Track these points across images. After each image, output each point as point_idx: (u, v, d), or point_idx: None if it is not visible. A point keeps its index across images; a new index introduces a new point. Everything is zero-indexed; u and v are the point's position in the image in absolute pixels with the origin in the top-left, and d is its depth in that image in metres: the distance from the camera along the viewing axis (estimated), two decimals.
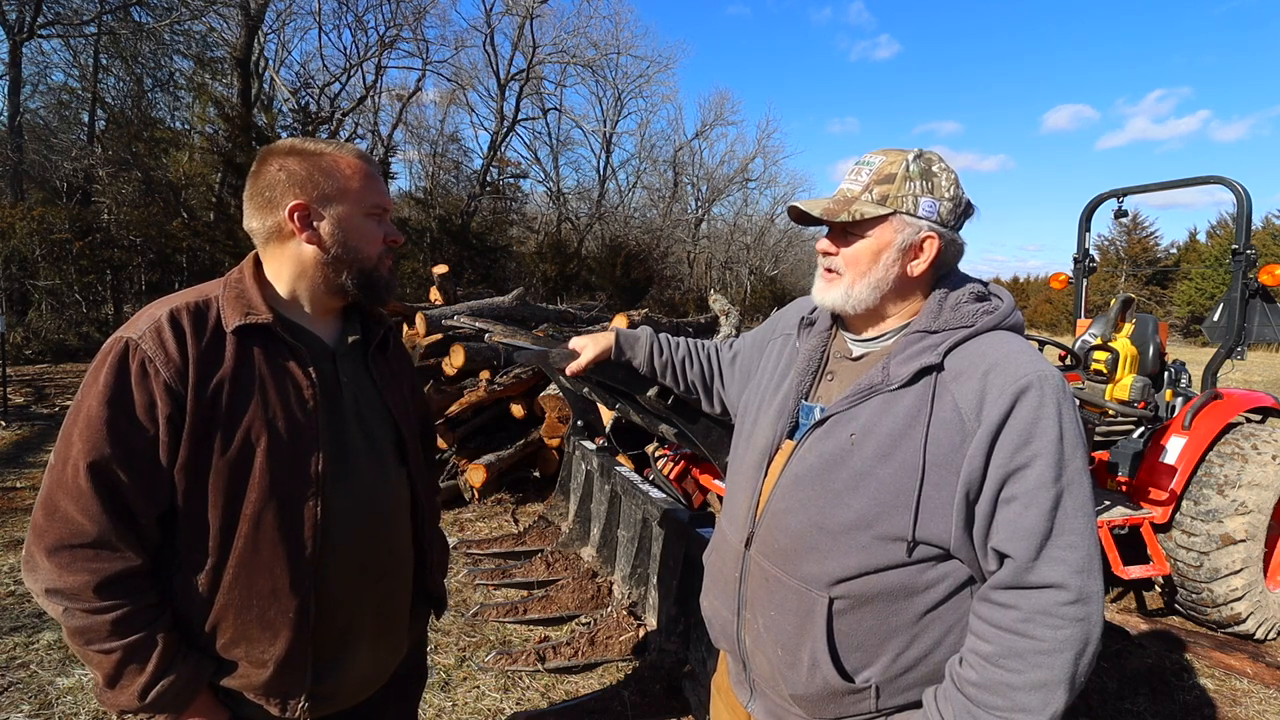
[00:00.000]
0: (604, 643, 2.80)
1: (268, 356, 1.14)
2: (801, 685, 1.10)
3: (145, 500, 1.05)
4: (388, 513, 1.28)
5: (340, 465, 1.19)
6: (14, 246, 10.76)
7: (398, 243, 1.30)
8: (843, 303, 1.14)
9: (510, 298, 6.87)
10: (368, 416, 1.27)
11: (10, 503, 4.57)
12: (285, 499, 1.12)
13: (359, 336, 1.30)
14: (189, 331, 1.09)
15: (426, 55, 21.58)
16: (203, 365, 1.08)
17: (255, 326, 1.13)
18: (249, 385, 1.11)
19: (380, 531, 1.26)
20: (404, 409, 1.35)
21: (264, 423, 1.10)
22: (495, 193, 23.70)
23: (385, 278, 1.27)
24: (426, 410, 1.60)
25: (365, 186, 1.21)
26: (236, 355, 1.11)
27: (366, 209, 1.22)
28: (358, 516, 1.21)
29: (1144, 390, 3.68)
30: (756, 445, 1.22)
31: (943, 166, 1.12)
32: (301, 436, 1.14)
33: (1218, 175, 3.72)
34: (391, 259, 1.29)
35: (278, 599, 1.13)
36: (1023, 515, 0.96)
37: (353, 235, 1.21)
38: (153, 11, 13.86)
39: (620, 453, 3.62)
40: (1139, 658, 3.14)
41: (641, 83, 28.65)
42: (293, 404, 1.14)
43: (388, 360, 1.37)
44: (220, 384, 1.09)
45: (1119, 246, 44.23)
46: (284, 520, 1.12)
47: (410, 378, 1.48)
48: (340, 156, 1.20)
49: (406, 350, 1.54)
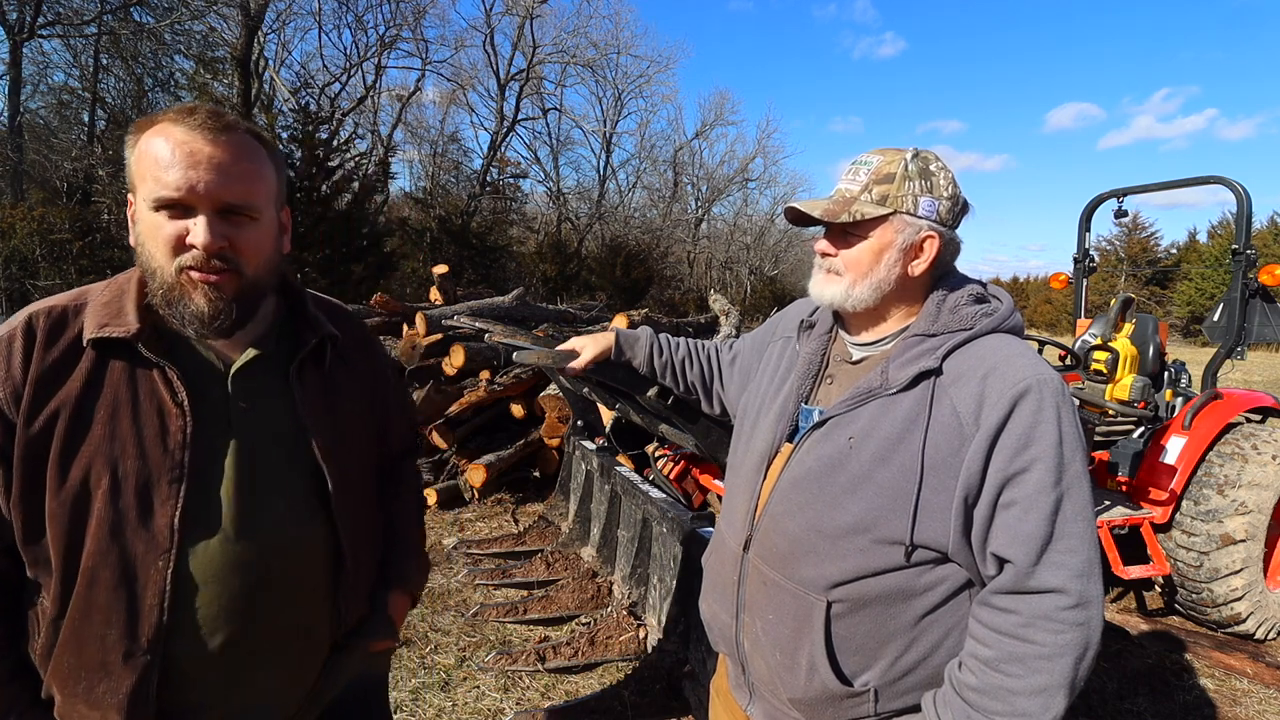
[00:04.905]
0: (604, 643, 2.80)
1: (129, 378, 0.94)
2: (800, 689, 1.10)
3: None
4: (281, 574, 1.01)
5: (210, 514, 0.95)
6: (14, 246, 10.75)
7: (206, 250, 0.91)
8: (842, 300, 1.13)
9: (510, 298, 6.88)
10: (272, 451, 1.01)
11: None
12: (125, 555, 0.91)
13: (270, 350, 1.04)
14: (40, 342, 0.92)
15: (426, 55, 21.62)
16: (42, 384, 0.90)
17: (114, 340, 0.93)
18: (94, 412, 0.91)
19: (265, 598, 1.00)
20: (335, 437, 1.07)
21: (106, 460, 0.90)
22: (495, 193, 23.68)
23: (191, 307, 0.93)
24: (397, 429, 1.31)
25: (148, 165, 0.90)
26: (89, 374, 0.92)
27: (152, 199, 0.91)
28: (230, 579, 0.96)
29: (1144, 390, 3.68)
30: (756, 448, 1.22)
31: (940, 165, 1.12)
32: (155, 479, 0.92)
33: (1218, 175, 3.72)
34: (213, 276, 0.93)
35: (108, 675, 0.92)
36: (1022, 520, 0.96)
37: (143, 239, 0.94)
38: (153, 11, 13.85)
39: (620, 453, 3.62)
40: (1139, 658, 3.14)
41: (641, 83, 28.65)
42: (148, 438, 0.92)
43: (325, 377, 1.10)
44: (59, 409, 0.90)
45: (1119, 246, 44.22)
46: (122, 581, 0.91)
47: (366, 393, 1.20)
48: (150, 122, 0.93)
49: (374, 358, 1.26)
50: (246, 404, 1.00)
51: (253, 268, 0.98)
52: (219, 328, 0.96)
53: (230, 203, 0.93)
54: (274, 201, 1.01)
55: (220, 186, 0.91)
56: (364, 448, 1.17)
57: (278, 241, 1.05)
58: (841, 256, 1.13)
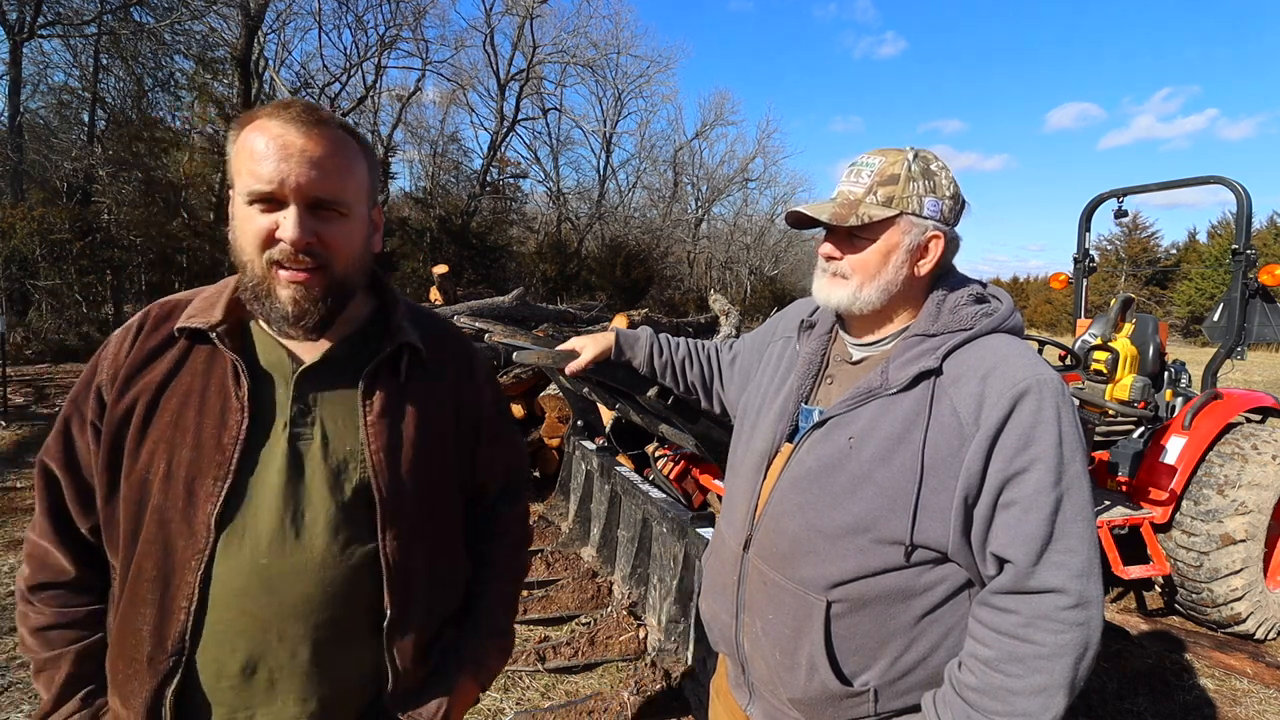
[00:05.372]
0: (604, 643, 2.80)
1: (206, 369, 0.94)
2: (800, 689, 1.10)
3: (79, 507, 0.95)
4: (309, 605, 0.91)
5: (245, 520, 0.90)
6: (14, 246, 10.74)
7: (294, 244, 0.89)
8: (849, 303, 1.12)
9: (510, 298, 6.88)
10: (323, 464, 0.94)
11: (10, 503, 4.57)
12: (168, 548, 0.89)
13: (341, 354, 0.99)
14: (146, 330, 0.97)
15: (426, 55, 21.63)
16: (133, 369, 0.94)
17: (198, 330, 0.94)
18: (170, 399, 0.92)
19: (290, 628, 0.91)
20: (395, 456, 0.98)
21: (167, 448, 0.90)
22: (495, 193, 23.71)
23: (278, 303, 0.92)
24: (488, 464, 1.16)
25: (244, 160, 0.89)
26: (174, 363, 0.94)
27: (245, 193, 0.90)
28: (256, 595, 0.90)
29: (1144, 390, 3.69)
30: (755, 448, 1.22)
31: (940, 164, 1.12)
32: (203, 472, 0.90)
33: (1218, 175, 3.72)
34: (301, 274, 0.91)
35: (136, 674, 0.90)
36: (1022, 520, 0.96)
37: (236, 232, 0.93)
38: (153, 11, 13.85)
39: (620, 453, 3.62)
40: (1139, 658, 3.14)
41: (641, 83, 28.67)
42: (206, 430, 0.91)
43: (398, 389, 1.01)
44: (140, 393, 0.92)
45: (1119, 246, 44.22)
46: (160, 575, 0.89)
47: (448, 416, 1.07)
48: (250, 118, 0.92)
49: (468, 380, 1.13)
50: (306, 408, 0.95)
51: (341, 265, 0.95)
52: (305, 325, 0.94)
53: (320, 197, 0.90)
54: (365, 198, 0.98)
55: (311, 180, 0.89)
56: (435, 477, 1.04)
57: (368, 240, 1.01)
58: (848, 260, 1.12)
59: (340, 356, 0.99)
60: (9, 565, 3.63)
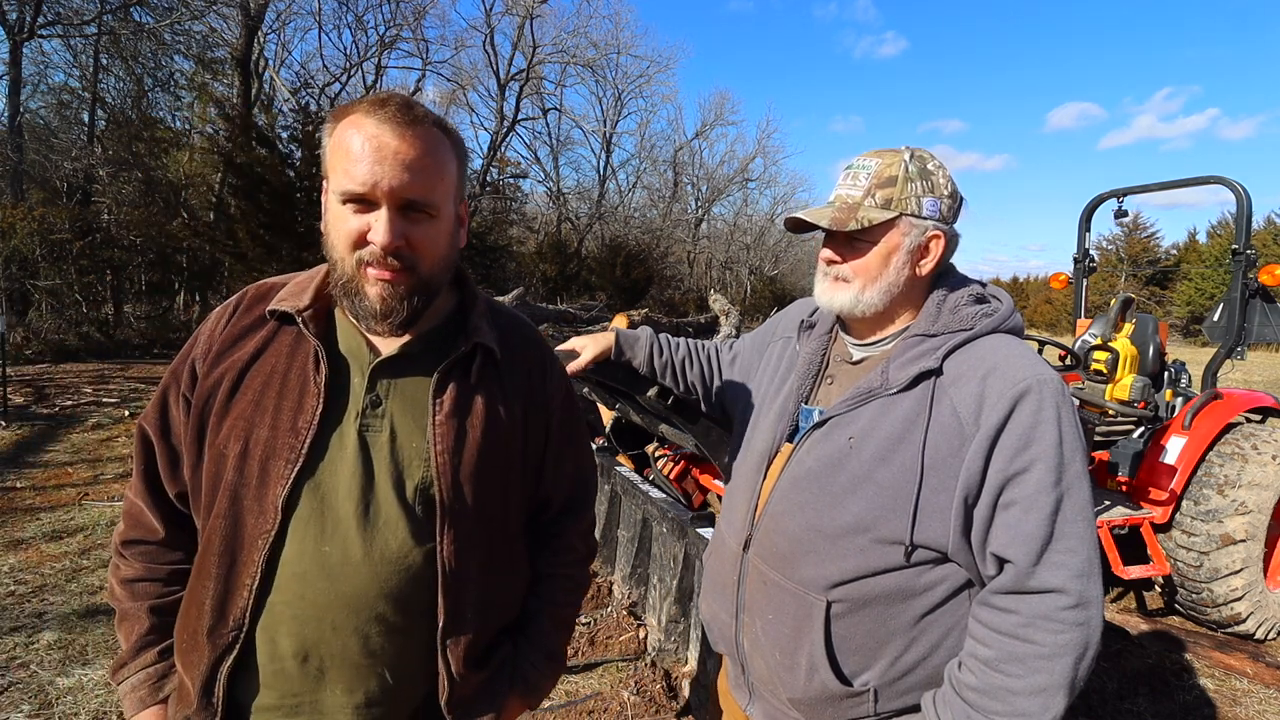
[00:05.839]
0: (604, 643, 2.80)
1: (290, 352, 0.97)
2: (800, 689, 1.10)
3: (169, 473, 1.01)
4: (366, 598, 0.92)
5: (311, 507, 0.91)
6: (14, 246, 10.74)
7: (384, 248, 0.90)
8: (851, 306, 1.13)
9: (510, 298, 6.89)
10: (389, 459, 0.95)
11: (10, 503, 4.57)
12: (238, 524, 0.92)
13: (416, 350, 0.99)
14: (241, 309, 1.01)
15: (426, 55, 21.68)
16: (225, 345, 0.98)
17: (286, 314, 0.97)
18: (254, 379, 0.95)
19: (345, 619, 0.92)
20: (458, 457, 0.96)
21: (246, 425, 0.92)
22: (495, 193, 23.72)
23: (366, 301, 0.93)
24: (554, 476, 1.14)
25: (339, 157, 0.90)
26: (261, 343, 0.97)
27: (339, 191, 0.91)
28: (315, 581, 0.91)
29: (1144, 390, 3.69)
30: (756, 448, 1.22)
31: (936, 163, 1.12)
32: (276, 454, 0.91)
33: (1218, 175, 3.72)
34: (388, 274, 0.92)
35: (196, 646, 0.92)
36: (1023, 520, 0.96)
37: (328, 229, 0.95)
38: (153, 11, 13.84)
39: (620, 453, 3.62)
40: (1139, 658, 3.14)
41: (641, 83, 28.73)
42: (284, 412, 0.93)
43: (470, 390, 1.00)
44: (226, 370, 0.96)
45: (1119, 246, 44.23)
46: (227, 550, 0.92)
47: (518, 421, 1.05)
48: (346, 111, 0.92)
49: (541, 386, 1.11)
50: (378, 399, 0.96)
51: (428, 265, 0.95)
52: (391, 322, 0.95)
53: (411, 199, 0.91)
54: (454, 197, 0.98)
55: (403, 183, 0.89)
56: (498, 482, 1.03)
57: (455, 237, 1.01)
58: (849, 264, 1.12)
59: (416, 353, 0.99)
60: (9, 565, 3.63)
